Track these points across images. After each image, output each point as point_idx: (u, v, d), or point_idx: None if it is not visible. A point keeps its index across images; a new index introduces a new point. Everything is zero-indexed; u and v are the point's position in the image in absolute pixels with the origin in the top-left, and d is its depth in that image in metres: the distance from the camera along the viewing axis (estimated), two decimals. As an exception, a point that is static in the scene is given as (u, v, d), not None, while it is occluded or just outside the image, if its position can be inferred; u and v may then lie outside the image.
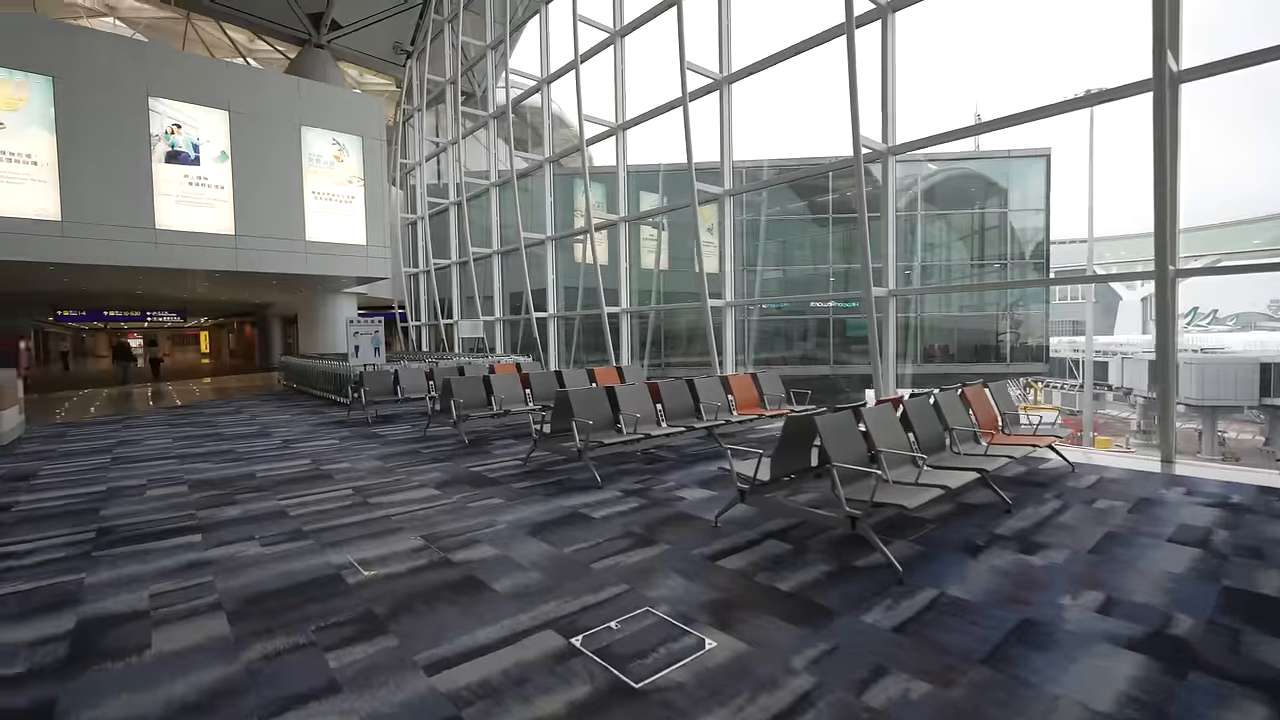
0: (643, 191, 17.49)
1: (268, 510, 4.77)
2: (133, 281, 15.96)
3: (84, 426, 9.71)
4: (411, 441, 7.74)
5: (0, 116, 11.02)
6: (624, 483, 5.45)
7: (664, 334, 19.08)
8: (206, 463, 6.65)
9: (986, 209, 22.14)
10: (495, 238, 16.60)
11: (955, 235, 22.54)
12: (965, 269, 22.00)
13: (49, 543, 4.08)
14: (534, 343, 14.16)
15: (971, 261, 22.49)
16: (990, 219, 22.06)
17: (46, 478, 6.06)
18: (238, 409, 11.73)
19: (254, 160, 13.49)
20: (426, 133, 19.77)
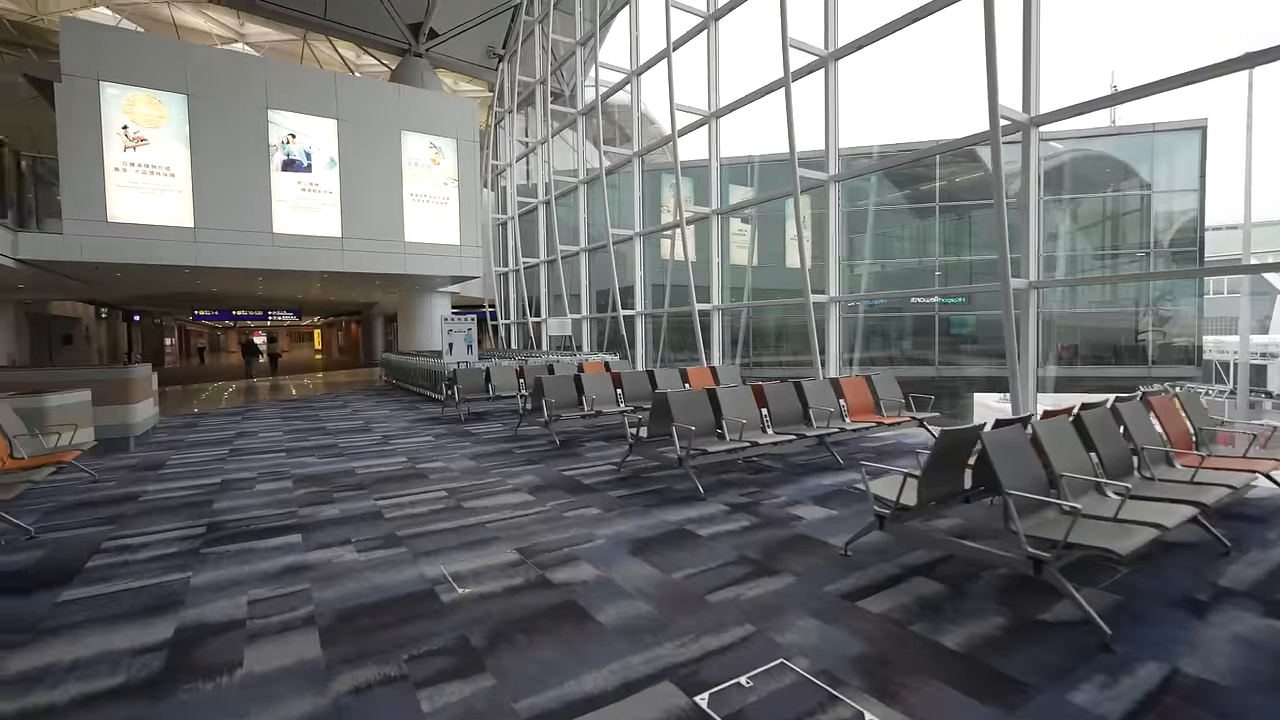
0: (732, 185, 16.82)
1: (364, 511, 4.68)
2: (254, 283, 17.25)
3: (211, 418, 10.44)
4: (503, 441, 7.61)
5: (145, 133, 12.11)
6: (729, 495, 4.95)
7: (751, 332, 18.32)
8: (312, 457, 6.79)
9: (1123, 191, 19.63)
10: (583, 235, 16.52)
11: (1084, 222, 20.18)
12: (1098, 260, 19.63)
13: (164, 536, 4.15)
14: (621, 341, 13.90)
15: (1104, 251, 20.05)
16: (1128, 202, 19.54)
17: (173, 467, 6.39)
18: (343, 403, 12.27)
19: (359, 165, 14.11)
20: (516, 134, 20.08)
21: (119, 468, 6.38)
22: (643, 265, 14.23)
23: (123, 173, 11.94)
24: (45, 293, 16.90)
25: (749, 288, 15.40)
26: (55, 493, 5.33)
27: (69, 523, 4.47)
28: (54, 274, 12.88)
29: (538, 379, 7.60)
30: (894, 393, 6.92)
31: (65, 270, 12.42)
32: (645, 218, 14.27)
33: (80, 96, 11.52)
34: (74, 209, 11.49)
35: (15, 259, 11.13)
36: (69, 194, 11.47)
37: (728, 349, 12.25)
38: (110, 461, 6.66)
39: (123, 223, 11.88)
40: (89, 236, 11.57)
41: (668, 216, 14.85)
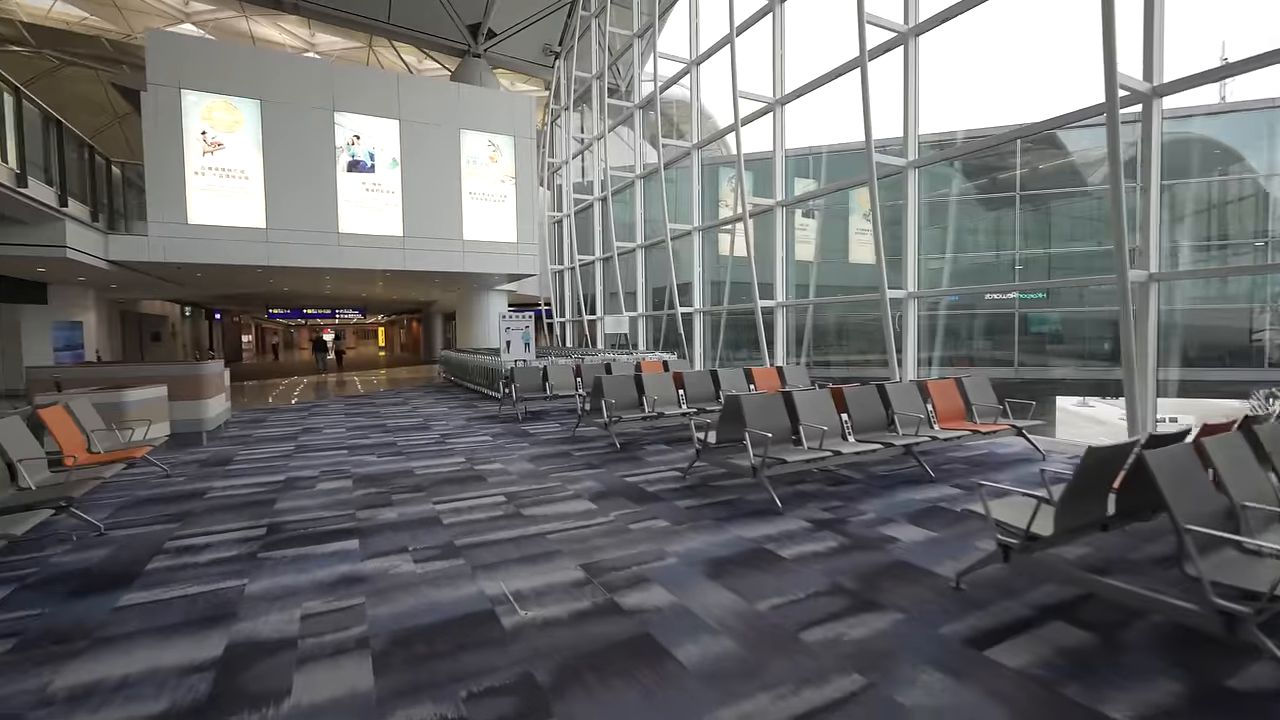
0: (795, 178, 16.13)
1: (422, 516, 4.48)
2: (322, 282, 17.83)
3: (280, 413, 10.71)
4: (561, 442, 7.37)
5: (222, 137, 12.60)
6: (809, 509, 4.50)
7: (814, 331, 17.56)
8: (371, 455, 6.74)
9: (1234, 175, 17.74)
10: (639, 231, 16.22)
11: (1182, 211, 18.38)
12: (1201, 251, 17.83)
13: (225, 537, 4.06)
14: (678, 339, 13.52)
15: (1209, 242, 18.20)
16: (1240, 187, 17.64)
17: (241, 463, 6.45)
18: (403, 400, 12.40)
19: (420, 165, 14.28)
20: (572, 131, 20.00)
21: (190, 462, 6.49)
22: (701, 261, 13.79)
23: (201, 176, 12.45)
24: (135, 292, 17.99)
25: (814, 284, 14.72)
26: (129, 487, 5.42)
27: (137, 519, 4.47)
28: (141, 274, 13.60)
29: (597, 379, 7.32)
30: (987, 397, 6.26)
31: (151, 270, 13.07)
32: (703, 213, 13.83)
33: (164, 104, 12.07)
34: (158, 212, 12.06)
35: (107, 260, 11.77)
36: (154, 198, 12.04)
37: (791, 348, 11.67)
38: (183, 456, 6.80)
39: (202, 224, 12.39)
40: (171, 238, 12.12)
41: (726, 211, 14.35)
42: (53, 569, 3.54)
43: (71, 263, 10.75)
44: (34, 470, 4.11)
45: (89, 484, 3.99)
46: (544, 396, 9.40)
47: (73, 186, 10.18)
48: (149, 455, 5.69)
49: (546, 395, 9.39)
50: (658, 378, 7.68)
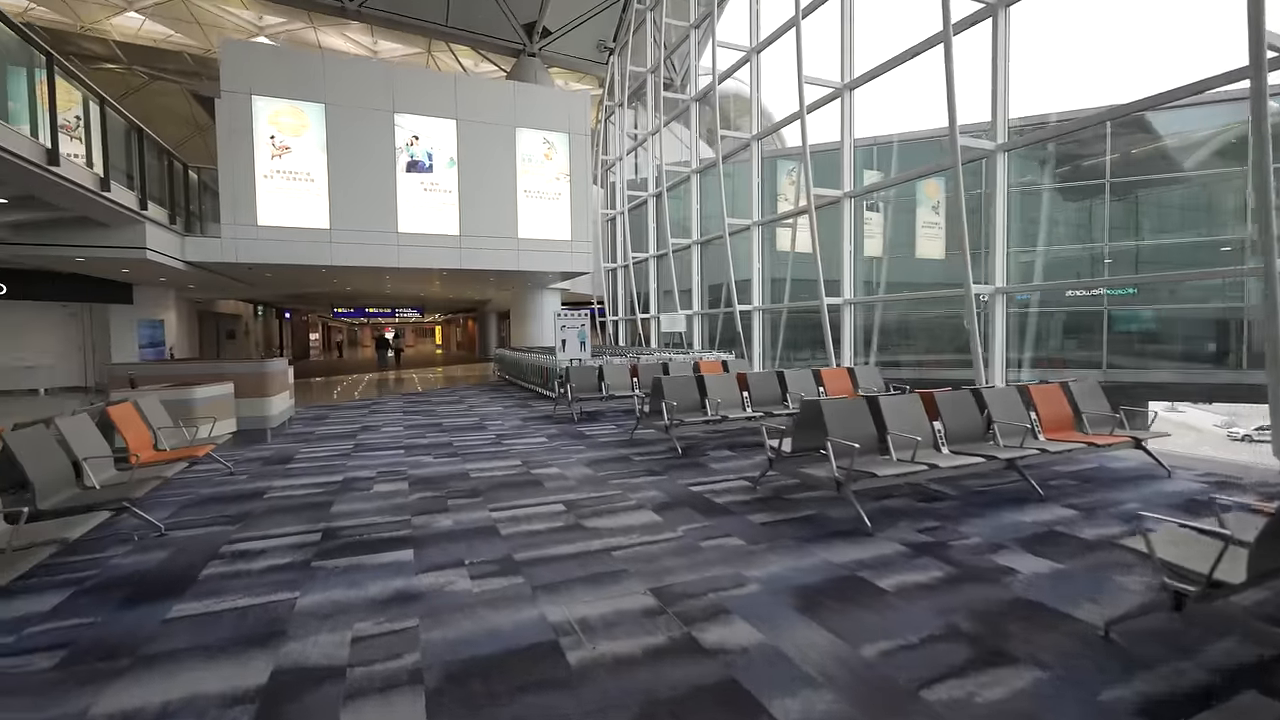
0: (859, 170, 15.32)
1: (479, 524, 4.24)
2: (382, 281, 18.21)
3: (341, 409, 10.87)
4: (619, 445, 7.05)
5: (289, 141, 12.95)
6: (902, 530, 4.00)
7: (878, 331, 16.66)
8: (428, 456, 6.61)
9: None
10: (694, 227, 15.78)
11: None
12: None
13: (281, 542, 3.92)
14: (735, 338, 13.02)
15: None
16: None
17: (301, 462, 6.43)
18: (459, 399, 12.42)
19: (476, 164, 14.32)
20: (626, 128, 19.74)
21: (253, 459, 6.53)
22: (761, 257, 13.24)
23: (270, 179, 12.82)
24: (211, 292, 18.88)
25: (884, 281, 13.92)
26: (194, 484, 5.43)
27: (198, 520, 4.41)
28: (216, 274, 14.17)
29: (656, 379, 6.96)
30: (1099, 404, 5.55)
31: (223, 270, 13.58)
32: (762, 208, 13.27)
33: (236, 110, 12.48)
34: (230, 214, 12.49)
35: (184, 261, 12.27)
36: (227, 201, 12.47)
37: (859, 348, 10.99)
38: (247, 453, 6.87)
39: (270, 226, 12.76)
40: (242, 239, 12.53)
41: (785, 206, 13.74)
42: (111, 572, 3.46)
43: (151, 263, 11.23)
44: (99, 469, 4.09)
45: (150, 483, 3.93)
46: (599, 397, 9.13)
47: (152, 191, 10.61)
48: (213, 453, 5.71)
49: (602, 395, 9.11)
50: (720, 379, 7.26)
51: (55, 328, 15.39)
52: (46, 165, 7.18)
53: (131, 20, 26.17)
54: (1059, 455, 4.93)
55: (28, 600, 3.08)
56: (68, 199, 8.27)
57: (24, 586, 3.23)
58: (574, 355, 9.98)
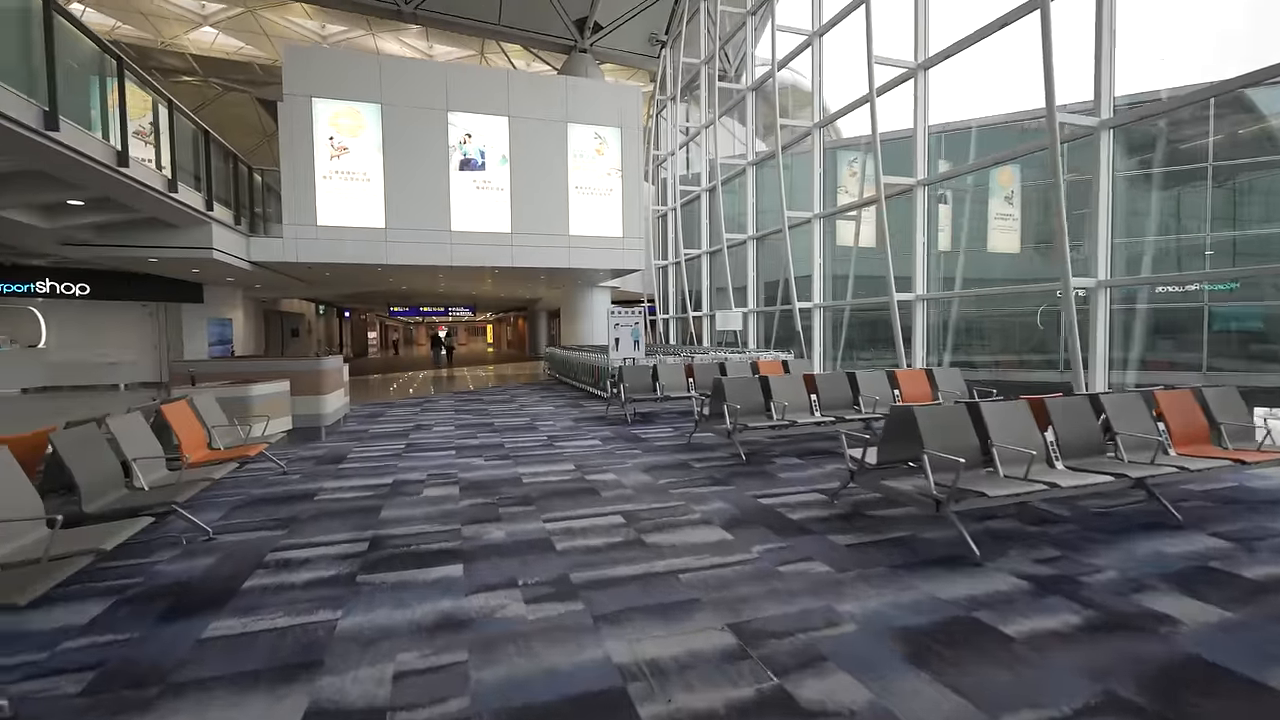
0: None
1: (533, 537, 3.92)
2: (435, 280, 18.39)
3: (396, 407, 10.89)
4: (677, 450, 6.65)
5: (347, 142, 13.13)
6: (1014, 559, 3.44)
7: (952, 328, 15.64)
8: (479, 458, 6.38)
9: None
10: (750, 222, 15.20)
11: None
12: None
13: (327, 551, 3.70)
14: (794, 337, 12.39)
15: None
16: None
17: (352, 462, 6.31)
18: (510, 398, 12.29)
19: (527, 160, 14.20)
20: (678, 121, 19.29)
21: (306, 458, 6.45)
22: (822, 252, 12.57)
23: (329, 180, 13.03)
24: (275, 292, 19.53)
25: (960, 276, 13.00)
26: (247, 484, 5.35)
27: (247, 523, 4.27)
28: (279, 274, 14.55)
29: (717, 381, 6.52)
30: (1238, 414, 4.77)
31: (285, 270, 13.92)
32: (825, 198, 12.59)
33: (297, 113, 12.73)
34: (292, 215, 12.75)
35: (249, 261, 12.60)
36: (288, 202, 12.74)
37: (932, 348, 10.22)
38: (301, 451, 6.82)
39: (329, 226, 12.97)
40: (302, 239, 12.78)
41: (846, 199, 12.99)
42: (155, 580, 3.30)
43: (218, 263, 11.55)
44: (149, 469, 3.98)
45: (199, 485, 3.78)
46: (654, 398, 8.74)
47: (218, 193, 10.88)
48: (267, 451, 5.63)
49: (657, 396, 8.72)
50: (785, 380, 6.75)
51: (134, 326, 16.19)
52: (116, 167, 7.35)
53: (206, 35, 27.52)
54: (1196, 473, 4.22)
55: (69, 610, 2.94)
56: (138, 200, 8.49)
57: (67, 594, 3.09)
58: (627, 354, 9.63)
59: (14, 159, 6.53)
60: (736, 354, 12.00)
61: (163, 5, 25.65)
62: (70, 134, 6.38)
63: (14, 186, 7.50)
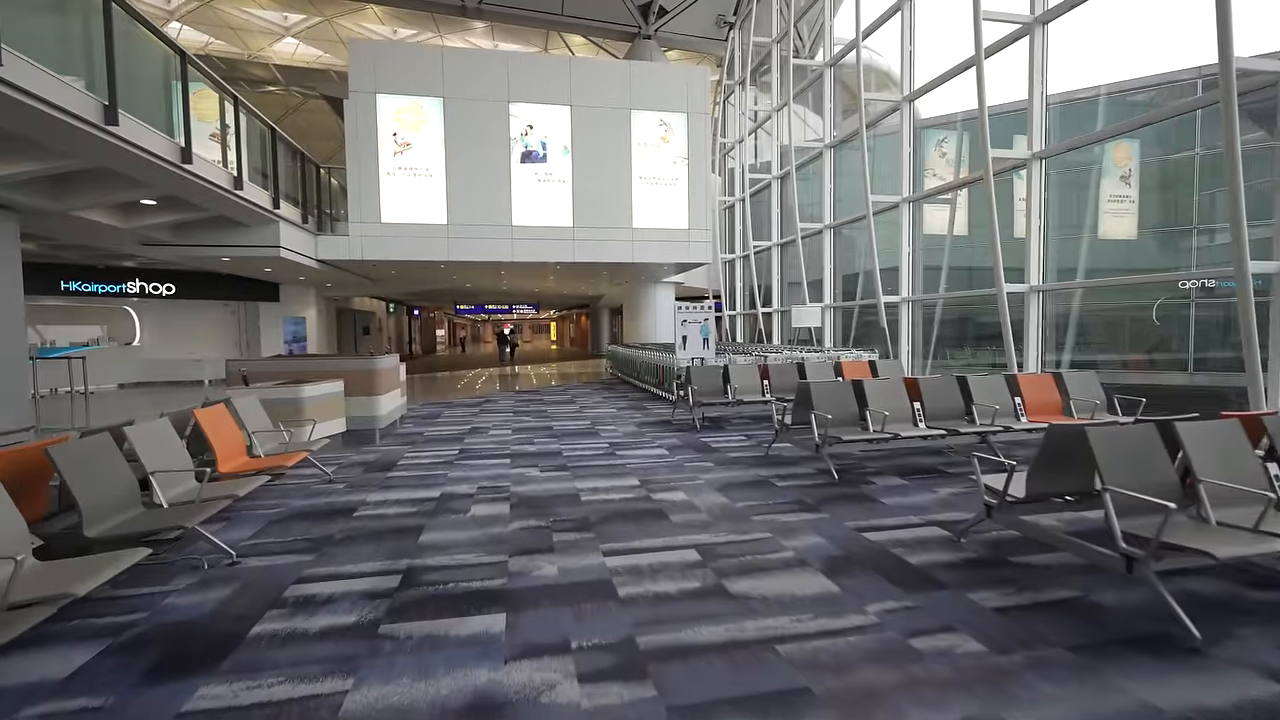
0: (1017, 138, 12.80)
1: (590, 575, 3.25)
2: (497, 277, 18.26)
3: (455, 407, 10.60)
4: (754, 463, 5.84)
5: (410, 137, 13.03)
6: (1253, 645, 2.46)
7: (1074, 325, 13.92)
8: (534, 469, 5.81)
9: None
10: (827, 210, 14.06)
11: None
12: None
13: (353, 585, 3.18)
14: (879, 334, 11.24)
15: None
16: None
17: (401, 469, 5.88)
18: (570, 398, 11.79)
19: (590, 151, 13.67)
20: (749, 106, 18.28)
21: (356, 464, 6.08)
22: (911, 240, 11.34)
23: (392, 176, 12.95)
24: (346, 290, 19.98)
25: (1083, 263, 11.45)
26: (290, 493, 4.98)
27: (276, 543, 3.83)
28: (347, 272, 14.70)
29: (802, 385, 5.66)
30: None
31: (351, 267, 14.00)
32: (914, 181, 11.36)
33: (362, 110, 12.71)
34: (357, 212, 12.75)
35: (316, 259, 12.70)
36: (354, 199, 12.75)
37: (1049, 345, 8.89)
38: (352, 455, 6.48)
39: (393, 223, 12.90)
40: (367, 237, 12.76)
41: (934, 182, 11.67)
42: (159, 617, 2.85)
43: (287, 261, 11.64)
44: (174, 483, 3.59)
45: (217, 505, 3.35)
46: (725, 402, 7.94)
47: (286, 191, 10.92)
48: (316, 456, 5.27)
49: (728, 400, 7.92)
50: (881, 386, 5.80)
51: (217, 324, 16.87)
52: (180, 163, 7.28)
53: (288, 45, 28.72)
54: None
55: (52, 656, 2.50)
56: (205, 198, 8.47)
57: (61, 631, 2.68)
58: (696, 354, 8.87)
59: (78, 156, 6.50)
60: (814, 353, 10.99)
61: (250, 19, 26.91)
62: (130, 129, 6.28)
63: (85, 185, 7.58)
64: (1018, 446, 6.29)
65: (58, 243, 10.87)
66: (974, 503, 4.40)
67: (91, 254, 12.56)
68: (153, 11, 20.61)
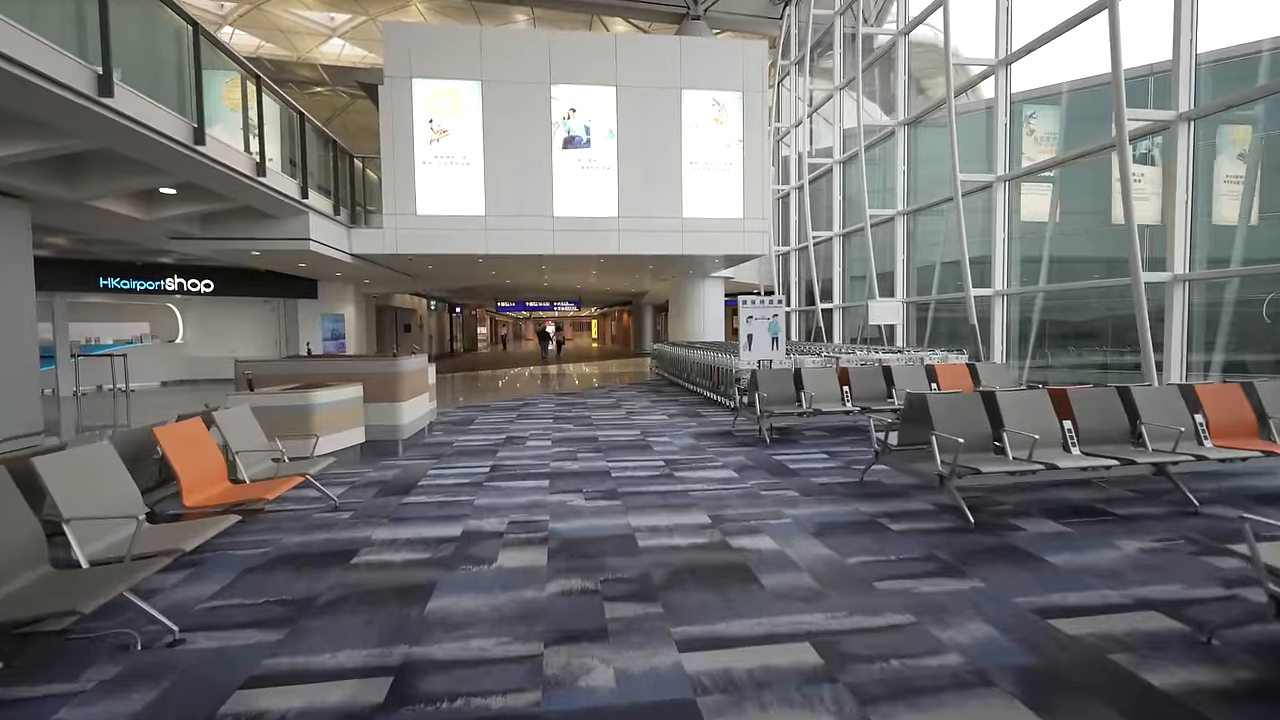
0: None
1: (665, 694, 2.17)
2: (538, 272, 17.43)
3: (491, 412, 9.74)
4: (852, 495, 4.67)
5: (447, 123, 12.26)
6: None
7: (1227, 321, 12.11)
8: (578, 495, 4.79)
9: None
10: (899, 195, 12.64)
11: None
12: None
13: (321, 698, 2.20)
14: (971, 332, 9.80)
15: None
16: None
17: (422, 493, 4.96)
18: (615, 401, 10.80)
19: (637, 135, 12.63)
20: (807, 86, 16.90)
21: (371, 483, 5.20)
22: (1005, 226, 9.87)
23: (428, 166, 12.21)
24: (385, 286, 19.51)
25: (1239, 250, 9.77)
26: (288, 524, 4.10)
27: (240, 610, 2.89)
28: (384, 267, 14.09)
29: (917, 399, 4.46)
30: None
31: (386, 262, 13.35)
32: (1011, 156, 9.88)
33: (397, 96, 12.00)
34: (392, 204, 12.06)
35: (350, 253, 12.07)
36: (389, 190, 12.06)
37: (1193, 347, 7.36)
38: (368, 472, 5.60)
39: (429, 215, 12.16)
40: (403, 230, 12.05)
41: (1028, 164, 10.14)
42: (33, 748, 1.94)
43: (320, 256, 11.01)
44: (104, 532, 2.70)
45: (156, 563, 2.42)
46: (798, 412, 6.75)
47: (317, 181, 10.27)
48: (312, 478, 4.39)
49: (803, 410, 6.72)
50: (1018, 401, 4.52)
51: (257, 321, 16.60)
52: (192, 145, 6.58)
53: (334, 46, 28.77)
54: None
55: None
56: (226, 185, 7.81)
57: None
58: (763, 356, 7.70)
59: (78, 135, 5.84)
60: (891, 354, 9.65)
61: (298, 21, 26.98)
62: (131, 104, 5.57)
63: (95, 170, 6.97)
64: (1199, 479, 4.88)
65: (87, 237, 10.51)
66: (1189, 567, 3.15)
67: (125, 249, 12.25)
68: (205, 16, 20.68)
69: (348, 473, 5.51)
